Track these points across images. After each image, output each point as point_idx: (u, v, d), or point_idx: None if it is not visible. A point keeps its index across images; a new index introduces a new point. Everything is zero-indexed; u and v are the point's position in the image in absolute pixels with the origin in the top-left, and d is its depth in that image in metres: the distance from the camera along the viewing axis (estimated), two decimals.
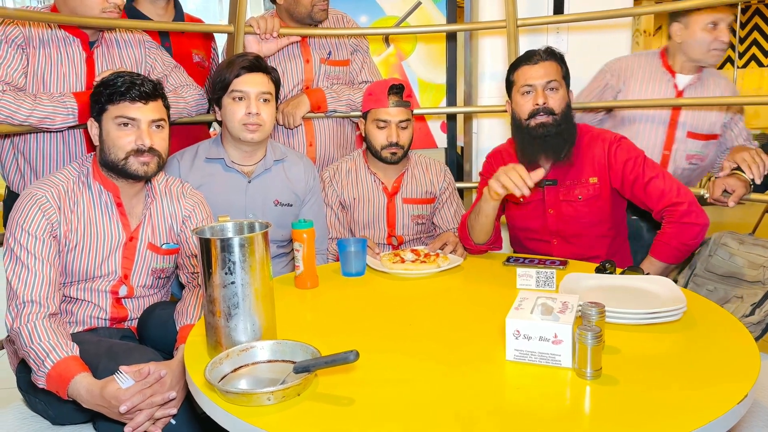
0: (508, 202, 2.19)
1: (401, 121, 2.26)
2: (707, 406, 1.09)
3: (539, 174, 1.83)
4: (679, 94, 2.45)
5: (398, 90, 2.25)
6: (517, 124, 2.09)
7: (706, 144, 2.45)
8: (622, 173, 2.04)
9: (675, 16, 2.40)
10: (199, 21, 2.72)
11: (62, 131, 2.06)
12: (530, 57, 2.05)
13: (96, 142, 1.77)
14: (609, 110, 2.58)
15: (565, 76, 2.07)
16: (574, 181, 2.07)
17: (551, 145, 2.02)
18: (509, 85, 2.11)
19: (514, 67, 2.10)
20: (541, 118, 2.01)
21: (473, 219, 2.07)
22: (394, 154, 2.27)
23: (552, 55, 2.06)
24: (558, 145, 2.03)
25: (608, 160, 2.05)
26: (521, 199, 2.09)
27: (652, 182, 2.01)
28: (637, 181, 2.02)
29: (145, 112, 1.72)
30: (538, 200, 2.12)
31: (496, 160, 2.24)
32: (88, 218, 1.76)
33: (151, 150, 1.74)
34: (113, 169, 1.74)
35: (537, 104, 2.01)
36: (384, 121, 2.25)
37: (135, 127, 1.72)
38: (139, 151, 1.72)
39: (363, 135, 2.35)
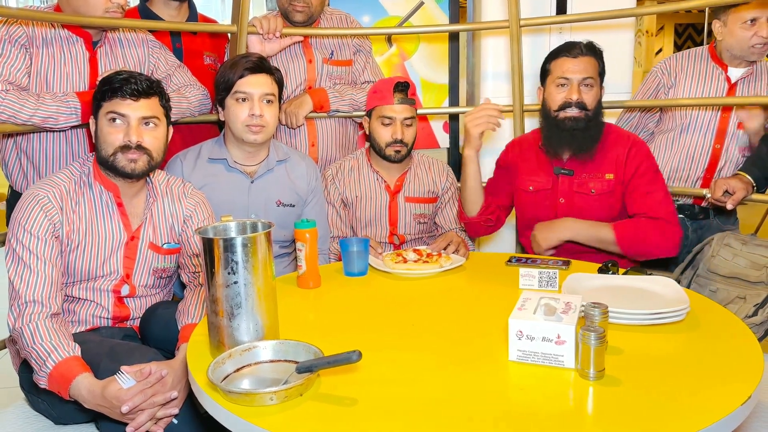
0: (518, 190, 2.19)
1: (406, 119, 2.26)
2: (711, 406, 1.09)
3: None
4: (732, 86, 2.45)
5: (404, 87, 2.25)
6: (545, 114, 2.11)
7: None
8: (635, 170, 2.06)
9: (716, 13, 2.41)
10: (212, 21, 2.73)
11: (65, 131, 2.06)
12: (570, 49, 2.06)
13: (94, 140, 1.77)
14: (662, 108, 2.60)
15: (601, 73, 2.09)
16: (590, 174, 2.09)
17: (577, 138, 2.05)
18: (544, 73, 2.13)
19: (552, 57, 2.11)
20: (572, 112, 2.03)
21: (462, 189, 2.17)
22: (398, 152, 2.26)
23: (592, 50, 2.07)
24: (583, 140, 2.05)
25: (627, 156, 2.07)
26: (530, 188, 2.09)
27: (655, 194, 2.04)
28: (641, 186, 2.04)
29: (136, 108, 1.72)
30: (550, 189, 2.13)
31: (514, 149, 2.25)
32: (90, 218, 1.76)
33: (140, 147, 1.73)
34: (105, 165, 1.74)
35: (570, 99, 2.03)
36: (389, 118, 2.25)
37: (125, 124, 1.72)
38: (126, 147, 1.71)
39: (366, 133, 2.35)
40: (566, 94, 2.04)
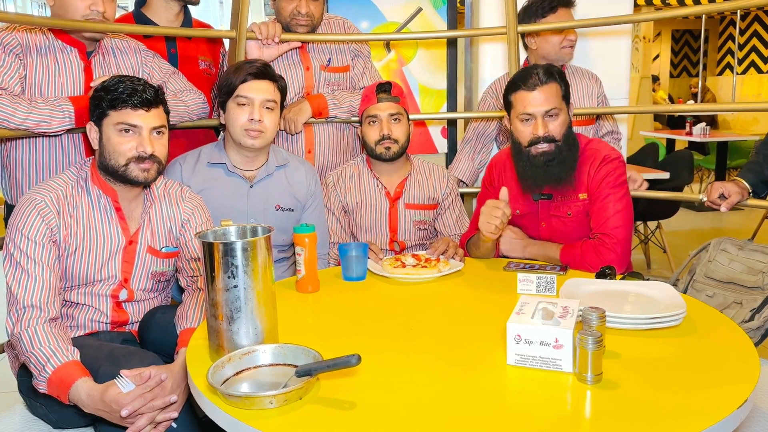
0: None
1: (392, 115, 2.26)
2: (707, 410, 1.09)
3: (505, 193, 1.93)
4: None
5: (386, 87, 2.28)
6: (517, 148, 2.04)
7: (586, 129, 2.76)
8: (597, 187, 2.02)
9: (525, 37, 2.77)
10: (207, 27, 2.74)
11: (57, 136, 2.06)
12: (527, 80, 1.96)
13: (95, 146, 1.77)
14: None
15: (565, 95, 2.01)
16: (565, 197, 2.05)
17: (553, 173, 1.99)
18: (507, 105, 2.05)
19: (511, 89, 2.02)
20: (543, 147, 1.97)
21: (473, 249, 2.13)
22: (388, 148, 2.26)
23: (550, 76, 1.97)
24: (560, 172, 2.00)
25: (594, 174, 2.02)
26: (517, 211, 2.11)
27: (604, 210, 1.99)
28: (597, 202, 2.01)
29: (147, 119, 1.73)
30: (534, 212, 2.12)
31: (497, 169, 2.23)
32: (88, 222, 1.76)
33: (152, 157, 1.74)
34: (112, 174, 1.74)
35: (537, 135, 1.96)
36: (374, 116, 2.26)
37: (136, 134, 1.72)
38: (140, 158, 1.72)
39: (361, 140, 2.36)
40: (532, 129, 1.96)
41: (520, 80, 1.99)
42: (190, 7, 2.57)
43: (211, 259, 1.35)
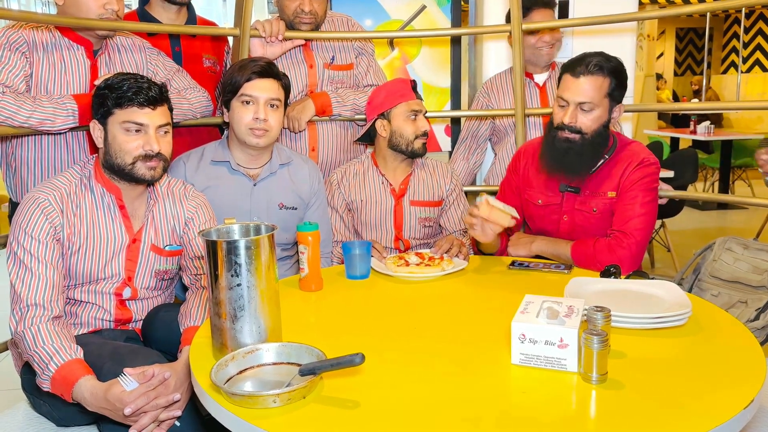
0: (527, 202, 2.19)
1: (425, 113, 2.34)
2: (713, 410, 1.09)
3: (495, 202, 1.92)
4: (542, 88, 2.79)
5: (415, 85, 2.35)
6: (549, 126, 2.06)
7: None
8: (628, 188, 2.00)
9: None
10: (211, 24, 2.73)
11: (62, 134, 2.06)
12: (575, 66, 1.93)
13: (99, 145, 1.77)
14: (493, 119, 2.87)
15: (612, 92, 1.95)
16: (593, 193, 2.04)
17: (569, 160, 1.99)
18: (559, 81, 2.03)
19: (563, 69, 2.00)
20: (566, 134, 1.96)
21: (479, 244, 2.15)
22: (424, 144, 2.32)
23: (600, 69, 1.92)
24: (575, 164, 1.99)
25: (628, 175, 2.00)
26: (539, 201, 2.12)
27: (629, 210, 1.98)
28: (623, 201, 2.00)
29: (153, 117, 1.72)
30: (557, 204, 2.10)
31: (525, 157, 2.22)
32: (91, 221, 1.76)
33: (159, 155, 1.74)
34: (118, 172, 1.74)
35: (563, 122, 1.95)
36: (417, 112, 2.30)
37: (143, 133, 1.72)
38: (147, 157, 1.72)
39: (385, 135, 2.31)
40: (562, 114, 1.96)
41: (571, 63, 1.97)
42: (193, 4, 2.57)
43: (215, 258, 1.35)
